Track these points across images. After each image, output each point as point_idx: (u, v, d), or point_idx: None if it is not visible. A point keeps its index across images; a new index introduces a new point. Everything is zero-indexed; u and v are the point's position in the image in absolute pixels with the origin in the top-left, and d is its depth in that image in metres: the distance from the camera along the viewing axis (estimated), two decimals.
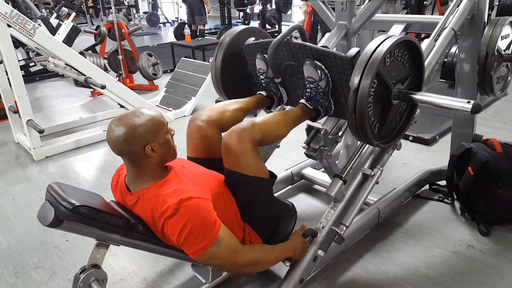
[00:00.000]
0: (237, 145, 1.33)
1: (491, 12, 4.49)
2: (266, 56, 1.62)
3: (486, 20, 1.89)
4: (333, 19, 2.17)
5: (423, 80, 1.47)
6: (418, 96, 1.39)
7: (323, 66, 1.47)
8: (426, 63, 1.60)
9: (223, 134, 1.47)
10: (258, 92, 1.73)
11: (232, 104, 1.63)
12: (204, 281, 1.55)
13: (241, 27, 1.81)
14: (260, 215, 1.43)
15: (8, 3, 2.66)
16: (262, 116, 1.48)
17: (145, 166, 1.21)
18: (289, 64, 1.61)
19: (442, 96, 1.39)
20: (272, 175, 1.47)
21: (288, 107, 1.90)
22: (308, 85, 1.53)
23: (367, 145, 1.63)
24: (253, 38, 1.74)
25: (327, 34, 2.09)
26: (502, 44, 1.80)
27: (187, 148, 1.57)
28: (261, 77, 1.69)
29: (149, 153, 1.18)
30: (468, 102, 1.32)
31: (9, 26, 2.59)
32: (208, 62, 4.46)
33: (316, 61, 1.47)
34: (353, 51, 1.40)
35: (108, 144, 1.19)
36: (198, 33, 6.79)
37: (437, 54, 1.70)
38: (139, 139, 1.16)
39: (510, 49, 1.89)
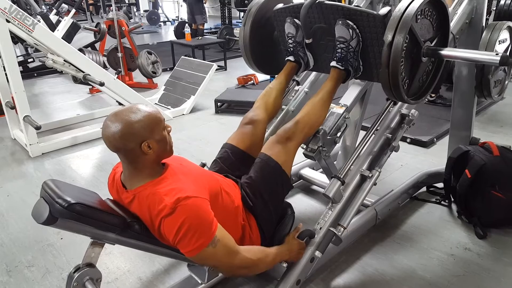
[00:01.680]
0: (280, 144, 1.51)
1: (489, 17, 4.50)
2: (295, 20, 1.68)
3: (484, 24, 1.90)
4: None
5: (448, 41, 1.54)
6: (446, 51, 1.45)
7: (354, 26, 1.53)
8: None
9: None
10: (286, 59, 1.80)
11: (270, 93, 1.77)
12: (200, 282, 1.53)
13: None
14: (268, 205, 1.46)
15: None
16: (302, 111, 1.60)
17: (141, 163, 1.20)
18: (319, 26, 1.65)
19: (469, 50, 1.47)
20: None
21: (312, 75, 2.02)
22: (338, 45, 1.58)
23: (365, 147, 1.63)
24: (282, 4, 1.80)
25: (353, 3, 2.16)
26: (499, 48, 1.80)
27: (233, 137, 1.68)
28: (290, 41, 1.76)
29: (146, 150, 1.17)
30: (497, 54, 1.36)
31: (8, 21, 2.57)
32: (208, 61, 4.46)
33: (348, 21, 1.52)
34: (385, 9, 1.47)
35: (103, 140, 1.18)
36: (197, 33, 6.78)
37: None
38: (135, 136, 1.15)
39: (508, 53, 1.89)
